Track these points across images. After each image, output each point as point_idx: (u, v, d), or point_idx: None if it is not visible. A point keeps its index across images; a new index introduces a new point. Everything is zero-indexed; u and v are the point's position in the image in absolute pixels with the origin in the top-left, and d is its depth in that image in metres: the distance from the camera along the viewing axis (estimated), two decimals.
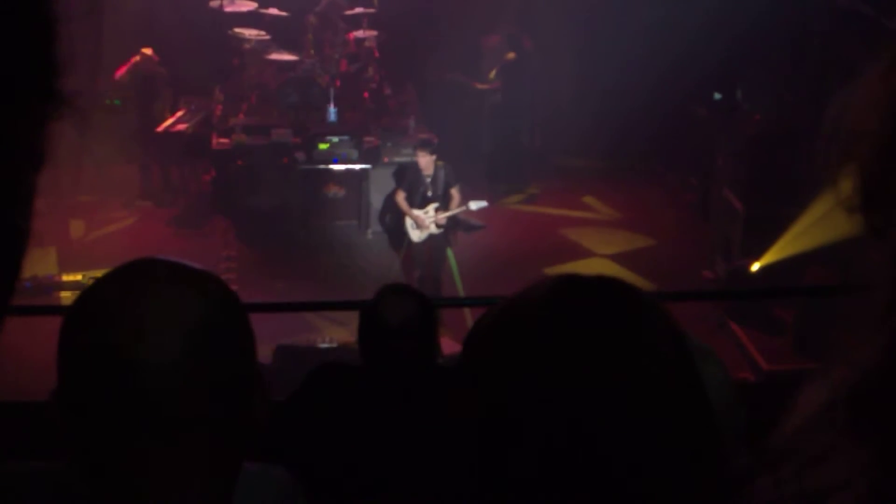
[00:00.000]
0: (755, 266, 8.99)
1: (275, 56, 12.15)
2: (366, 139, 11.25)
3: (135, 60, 11.57)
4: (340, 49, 12.38)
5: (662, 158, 12.68)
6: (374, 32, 12.37)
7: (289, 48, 12.31)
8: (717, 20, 10.68)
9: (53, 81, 0.61)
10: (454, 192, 9.53)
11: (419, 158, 9.52)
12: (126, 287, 1.13)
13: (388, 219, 10.71)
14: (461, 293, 9.71)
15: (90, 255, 9.75)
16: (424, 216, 9.46)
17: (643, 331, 0.98)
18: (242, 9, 12.22)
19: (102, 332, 1.09)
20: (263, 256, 10.39)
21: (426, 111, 12.23)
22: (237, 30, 12.18)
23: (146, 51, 11.62)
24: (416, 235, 9.55)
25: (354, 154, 11.08)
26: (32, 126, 0.60)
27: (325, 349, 7.62)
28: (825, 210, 8.18)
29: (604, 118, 11.90)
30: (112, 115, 11.11)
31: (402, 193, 9.61)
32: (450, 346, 7.80)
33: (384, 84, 12.39)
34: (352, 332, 3.30)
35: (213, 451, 1.14)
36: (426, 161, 9.45)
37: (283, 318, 7.76)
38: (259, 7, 12.35)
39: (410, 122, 11.65)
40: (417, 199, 9.49)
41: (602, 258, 10.62)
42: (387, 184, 10.75)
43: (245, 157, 10.97)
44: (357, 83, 12.23)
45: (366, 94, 12.19)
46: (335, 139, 11.10)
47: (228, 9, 12.10)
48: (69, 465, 1.15)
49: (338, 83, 11.98)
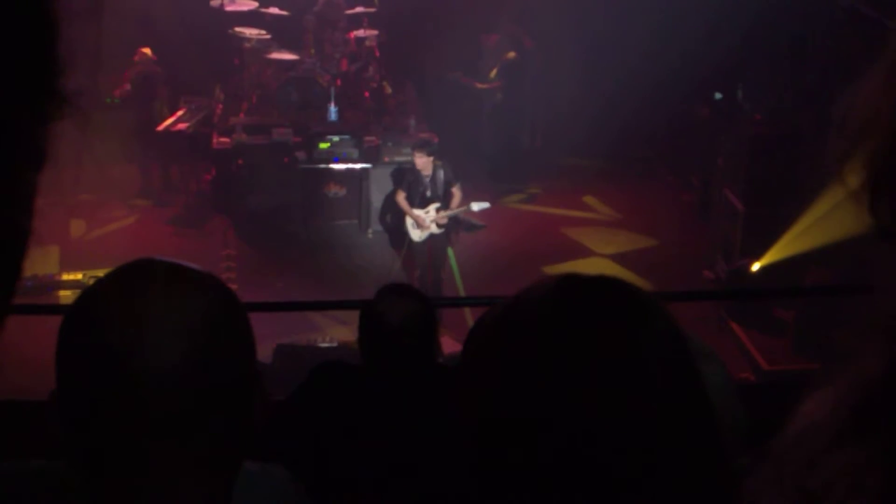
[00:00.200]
0: (755, 266, 8.99)
1: (275, 55, 12.15)
2: (366, 138, 11.24)
3: (134, 60, 11.58)
4: (341, 48, 12.38)
5: (663, 158, 12.69)
6: (375, 32, 12.38)
7: (289, 47, 12.31)
8: (719, 20, 10.68)
9: (54, 81, 0.61)
10: (455, 190, 9.50)
11: (416, 159, 9.49)
12: (126, 287, 1.13)
13: (389, 218, 10.71)
14: (462, 293, 9.71)
15: (90, 255, 9.75)
16: (425, 216, 9.45)
17: (644, 330, 0.98)
18: (243, 8, 12.23)
19: (102, 333, 1.09)
20: (263, 256, 10.38)
21: (427, 110, 12.23)
22: (238, 29, 12.18)
23: (145, 50, 11.63)
24: (417, 235, 9.54)
25: (355, 153, 11.08)
26: (33, 125, 0.60)
27: (326, 348, 7.62)
28: (825, 210, 8.18)
29: (605, 118, 11.90)
30: (112, 114, 11.11)
31: (403, 193, 9.59)
32: (450, 346, 7.80)
33: (385, 83, 12.39)
34: (354, 331, 3.30)
35: (213, 451, 1.14)
36: (424, 162, 9.42)
37: (284, 317, 7.77)
38: (260, 6, 12.36)
39: (411, 122, 11.64)
40: (417, 200, 9.48)
41: (602, 258, 10.62)
42: (387, 183, 10.76)
43: (245, 157, 10.97)
44: (357, 82, 12.23)
45: (366, 94, 12.20)
46: (336, 138, 11.10)
47: (229, 8, 12.11)
48: (69, 465, 1.15)
49: (338, 82, 11.99)
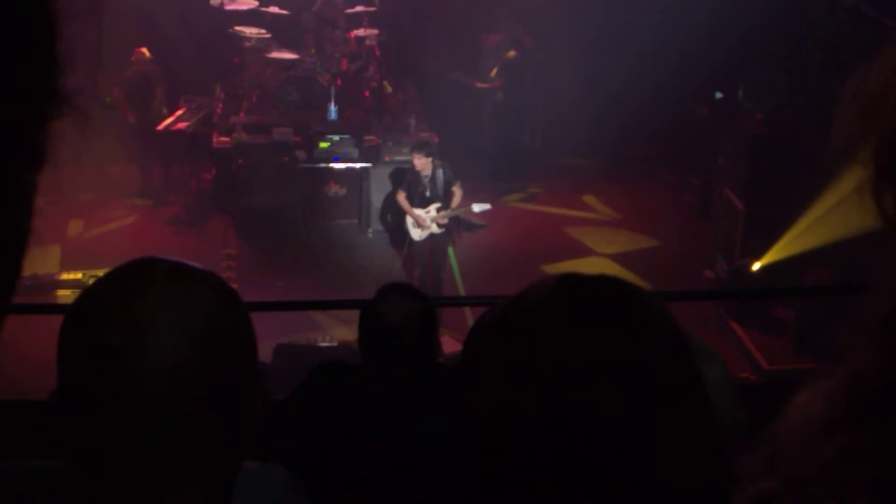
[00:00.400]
0: (756, 266, 8.99)
1: (275, 54, 12.15)
2: (366, 138, 11.24)
3: (131, 60, 11.59)
4: (341, 47, 12.38)
5: (663, 158, 12.69)
6: (375, 31, 12.38)
7: (289, 46, 12.32)
8: (719, 20, 10.68)
9: (54, 80, 0.61)
10: (455, 189, 9.49)
11: (415, 160, 9.47)
12: (126, 287, 1.13)
13: (389, 218, 10.71)
14: (462, 292, 9.71)
15: (90, 254, 9.76)
16: (425, 215, 9.44)
17: (644, 330, 0.98)
18: (243, 7, 12.23)
19: (102, 332, 1.09)
20: (264, 255, 10.38)
21: (427, 110, 12.23)
22: (238, 28, 12.19)
23: (142, 50, 11.63)
24: (417, 234, 9.53)
25: (355, 153, 11.09)
26: (33, 125, 0.60)
27: (326, 348, 7.62)
28: (826, 210, 8.19)
29: (605, 117, 11.91)
30: (112, 114, 11.11)
31: (403, 192, 9.59)
32: (450, 346, 7.81)
33: (385, 82, 12.38)
34: (354, 331, 3.29)
35: (213, 451, 1.14)
36: (422, 163, 9.40)
37: (285, 316, 7.77)
38: (260, 5, 12.36)
39: (411, 121, 11.64)
40: (417, 200, 9.47)
41: (603, 257, 10.62)
42: (387, 182, 10.76)
43: (246, 156, 10.96)
44: (358, 82, 12.23)
45: (366, 93, 12.19)
46: (336, 138, 11.10)
47: (229, 7, 12.11)
48: (69, 465, 1.15)
49: (338, 82, 11.98)
